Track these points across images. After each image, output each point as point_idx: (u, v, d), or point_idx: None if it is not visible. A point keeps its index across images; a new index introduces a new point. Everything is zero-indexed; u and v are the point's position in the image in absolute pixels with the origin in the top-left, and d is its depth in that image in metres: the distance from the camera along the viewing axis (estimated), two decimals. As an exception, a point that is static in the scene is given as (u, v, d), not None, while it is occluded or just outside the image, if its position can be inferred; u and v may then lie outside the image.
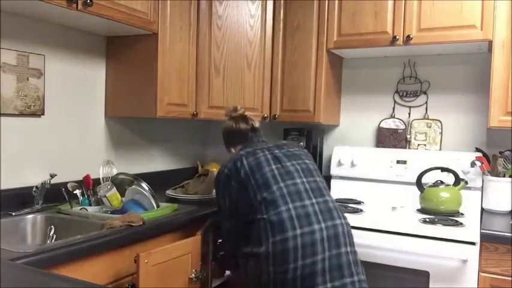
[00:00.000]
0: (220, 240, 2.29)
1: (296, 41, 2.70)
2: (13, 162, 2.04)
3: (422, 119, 2.73)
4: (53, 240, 1.88)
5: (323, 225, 1.63)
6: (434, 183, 2.38)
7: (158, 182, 2.68)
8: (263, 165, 1.76)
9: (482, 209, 2.40)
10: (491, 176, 2.37)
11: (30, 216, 1.93)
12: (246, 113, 2.07)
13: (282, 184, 1.70)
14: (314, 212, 1.65)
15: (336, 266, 1.58)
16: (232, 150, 2.01)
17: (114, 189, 2.14)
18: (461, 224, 2.08)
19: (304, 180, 1.75)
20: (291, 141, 2.82)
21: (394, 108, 2.82)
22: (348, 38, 2.56)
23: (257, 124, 2.02)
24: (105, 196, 2.11)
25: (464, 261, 1.95)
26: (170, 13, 2.38)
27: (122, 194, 2.17)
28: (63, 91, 2.27)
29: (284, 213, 1.62)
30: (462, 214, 2.29)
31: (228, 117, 2.06)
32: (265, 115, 2.76)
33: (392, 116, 2.81)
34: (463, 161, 2.49)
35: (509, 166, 2.35)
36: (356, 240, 1.83)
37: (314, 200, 1.69)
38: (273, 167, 1.76)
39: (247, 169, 1.75)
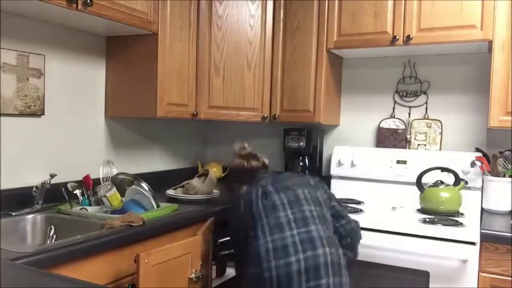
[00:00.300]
0: (220, 240, 2.29)
1: (296, 41, 2.70)
2: (13, 162, 2.04)
3: (422, 119, 2.73)
4: (53, 240, 1.88)
5: (301, 256, 1.63)
6: (434, 183, 2.38)
7: (158, 182, 2.68)
8: (278, 208, 1.79)
9: (482, 209, 2.40)
10: (491, 176, 2.37)
11: (30, 216, 1.93)
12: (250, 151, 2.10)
13: (295, 231, 1.71)
14: (291, 243, 1.66)
15: None
16: (244, 188, 2.01)
17: (114, 189, 2.14)
18: (461, 224, 2.08)
19: (289, 212, 1.76)
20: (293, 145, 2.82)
21: (394, 108, 2.82)
22: (348, 38, 2.56)
23: (267, 161, 2.08)
24: (105, 196, 2.11)
25: (464, 261, 1.95)
26: (170, 13, 2.38)
27: (122, 194, 2.17)
28: (63, 91, 2.27)
29: (288, 238, 1.68)
30: (462, 214, 2.29)
31: (236, 155, 2.09)
32: (265, 115, 2.76)
33: (392, 116, 2.81)
34: (463, 161, 2.49)
35: (509, 166, 2.35)
36: (356, 240, 1.84)
37: (295, 231, 1.69)
38: (288, 211, 1.78)
39: (261, 208, 1.79)
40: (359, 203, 2.58)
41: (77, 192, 2.13)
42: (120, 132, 2.62)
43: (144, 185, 2.20)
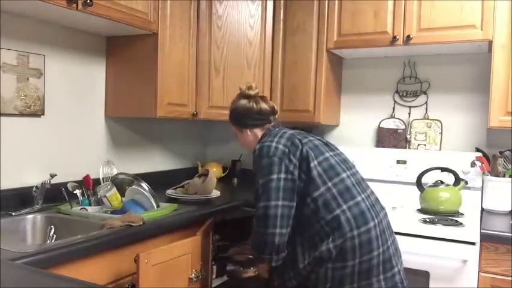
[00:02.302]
0: (220, 244, 2.29)
1: (296, 41, 2.70)
2: (13, 162, 2.04)
3: (422, 119, 2.73)
4: (53, 240, 1.88)
5: (382, 214, 1.67)
6: (434, 183, 2.38)
7: (158, 182, 2.68)
8: (321, 149, 1.68)
9: (482, 209, 2.40)
10: (491, 176, 2.37)
11: (30, 216, 1.93)
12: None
13: (348, 172, 1.66)
14: (375, 201, 1.69)
15: (396, 249, 1.67)
16: (248, 132, 1.87)
17: (114, 189, 2.14)
18: (461, 224, 2.08)
19: (355, 171, 1.73)
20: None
21: (394, 108, 2.82)
22: (348, 38, 2.56)
23: (277, 106, 1.92)
24: (105, 196, 2.11)
25: (464, 261, 1.95)
26: (170, 13, 2.38)
27: (122, 194, 2.17)
28: (63, 91, 2.27)
29: (362, 204, 1.60)
30: (462, 214, 2.29)
31: (242, 96, 1.90)
32: (265, 115, 2.75)
33: (392, 116, 2.81)
34: (463, 161, 2.49)
35: (509, 166, 2.35)
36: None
37: (369, 191, 1.70)
38: (331, 153, 1.69)
39: (307, 149, 1.63)
40: (359, 203, 2.57)
41: (77, 192, 2.13)
42: (120, 132, 2.62)
43: (144, 185, 2.20)
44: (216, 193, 2.48)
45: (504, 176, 2.35)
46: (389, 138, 2.80)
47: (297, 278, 1.62)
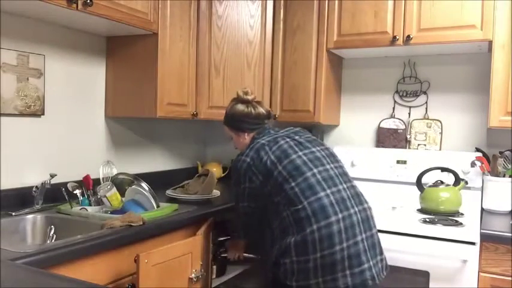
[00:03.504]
0: (220, 239, 2.29)
1: (296, 41, 2.70)
2: (13, 162, 2.04)
3: (422, 119, 2.73)
4: (53, 240, 1.88)
5: (356, 209, 1.69)
6: (434, 183, 2.38)
7: (158, 182, 2.68)
8: (289, 152, 1.76)
9: (482, 209, 2.40)
10: (491, 176, 2.37)
11: (30, 216, 1.93)
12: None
13: (315, 170, 1.71)
14: (347, 196, 1.70)
15: (371, 245, 1.68)
16: (245, 136, 1.95)
17: (114, 189, 2.14)
18: (461, 224, 2.08)
19: (332, 166, 1.77)
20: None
21: (394, 108, 2.82)
22: (348, 38, 2.56)
23: (271, 110, 2.01)
24: (105, 196, 2.11)
25: (464, 261, 1.95)
26: (170, 13, 2.38)
27: (122, 194, 2.17)
28: (63, 91, 2.27)
29: (325, 199, 1.65)
30: (462, 214, 2.29)
31: (239, 101, 1.97)
32: (265, 115, 2.75)
33: (392, 116, 2.81)
34: (463, 161, 2.49)
35: (509, 166, 2.35)
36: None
37: (345, 185, 1.73)
38: (300, 153, 1.76)
39: (273, 158, 1.75)
40: (359, 203, 2.57)
41: (77, 192, 2.13)
42: (120, 132, 2.62)
43: (144, 185, 2.20)
44: (216, 193, 2.48)
45: (504, 176, 2.35)
46: (389, 138, 2.80)
47: (272, 269, 1.72)
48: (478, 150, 2.55)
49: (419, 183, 2.41)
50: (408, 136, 2.75)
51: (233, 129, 1.99)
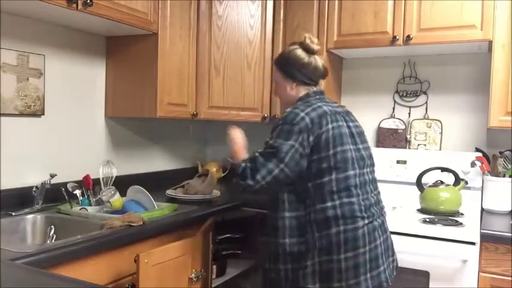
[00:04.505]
0: (220, 237, 2.29)
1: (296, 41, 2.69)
2: (13, 162, 2.04)
3: (422, 119, 2.73)
4: (53, 240, 1.88)
5: (378, 214, 1.70)
6: (434, 183, 2.38)
7: (158, 182, 2.68)
8: (344, 140, 1.64)
9: (482, 209, 2.40)
10: (491, 176, 2.37)
11: (30, 216, 1.93)
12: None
13: (357, 171, 1.65)
14: (374, 203, 1.70)
15: (386, 248, 1.70)
16: (293, 86, 1.77)
17: (118, 194, 2.13)
18: (461, 224, 2.08)
19: (369, 170, 1.74)
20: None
21: (394, 108, 2.82)
22: (348, 38, 2.56)
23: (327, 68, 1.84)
24: (108, 201, 2.11)
25: (464, 261, 1.95)
26: (170, 13, 2.38)
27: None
28: (63, 91, 2.27)
29: (356, 205, 1.62)
30: (462, 214, 2.29)
31: (301, 46, 1.77)
32: (265, 115, 2.76)
33: (392, 116, 2.81)
34: (463, 161, 2.48)
35: (509, 166, 2.35)
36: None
37: (374, 193, 1.73)
38: (352, 147, 1.66)
39: (329, 136, 1.60)
40: (359, 203, 2.57)
41: (77, 192, 2.13)
42: (120, 132, 2.62)
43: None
44: (216, 193, 2.48)
45: (504, 176, 2.35)
46: (389, 138, 2.80)
47: (278, 272, 1.63)
48: (478, 150, 2.55)
49: (419, 183, 2.41)
50: (408, 136, 2.75)
51: (284, 74, 1.78)
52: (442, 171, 2.41)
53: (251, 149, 2.06)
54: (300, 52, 1.76)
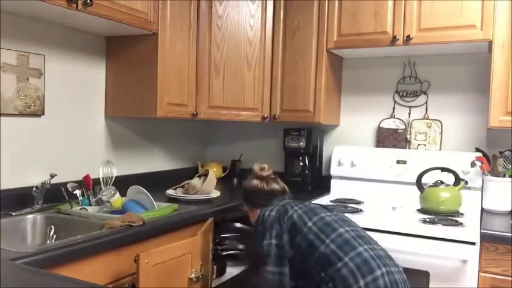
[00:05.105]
0: (220, 237, 2.29)
1: (296, 41, 2.70)
2: (13, 162, 2.04)
3: (422, 119, 2.73)
4: (53, 240, 1.88)
5: (395, 269, 1.60)
6: (434, 183, 2.38)
7: (158, 182, 2.68)
8: (317, 210, 1.71)
9: (482, 209, 2.40)
10: (491, 176, 2.37)
11: (30, 216, 1.93)
12: (270, 172, 1.98)
13: (347, 228, 1.64)
14: (384, 255, 1.62)
15: None
16: (258, 211, 1.88)
17: (118, 194, 2.13)
18: (461, 224, 2.08)
19: (360, 228, 1.72)
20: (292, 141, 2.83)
21: (394, 108, 2.82)
22: (348, 38, 2.56)
23: (287, 188, 1.97)
24: (108, 201, 2.10)
25: (464, 261, 1.95)
26: (170, 13, 2.38)
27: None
28: (63, 91, 2.27)
29: (365, 253, 1.56)
30: (462, 214, 2.29)
31: (254, 177, 1.97)
32: (265, 115, 2.76)
33: (392, 116, 2.81)
34: (463, 161, 2.49)
35: (509, 166, 2.35)
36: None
37: (379, 246, 1.66)
38: (328, 213, 1.71)
39: (300, 213, 1.69)
40: (359, 203, 2.57)
41: (77, 192, 2.13)
42: (120, 132, 2.62)
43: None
44: (216, 193, 2.48)
45: (504, 176, 2.35)
46: (389, 138, 2.80)
47: None
48: (478, 150, 2.55)
49: (419, 183, 2.41)
50: (408, 136, 2.75)
51: (247, 204, 2.00)
52: (442, 171, 2.41)
53: (251, 149, 2.07)
54: (253, 181, 1.96)
